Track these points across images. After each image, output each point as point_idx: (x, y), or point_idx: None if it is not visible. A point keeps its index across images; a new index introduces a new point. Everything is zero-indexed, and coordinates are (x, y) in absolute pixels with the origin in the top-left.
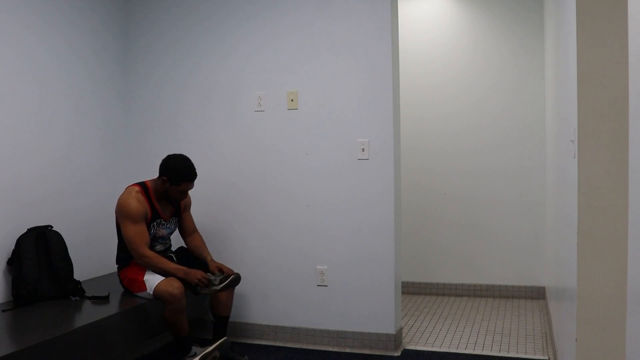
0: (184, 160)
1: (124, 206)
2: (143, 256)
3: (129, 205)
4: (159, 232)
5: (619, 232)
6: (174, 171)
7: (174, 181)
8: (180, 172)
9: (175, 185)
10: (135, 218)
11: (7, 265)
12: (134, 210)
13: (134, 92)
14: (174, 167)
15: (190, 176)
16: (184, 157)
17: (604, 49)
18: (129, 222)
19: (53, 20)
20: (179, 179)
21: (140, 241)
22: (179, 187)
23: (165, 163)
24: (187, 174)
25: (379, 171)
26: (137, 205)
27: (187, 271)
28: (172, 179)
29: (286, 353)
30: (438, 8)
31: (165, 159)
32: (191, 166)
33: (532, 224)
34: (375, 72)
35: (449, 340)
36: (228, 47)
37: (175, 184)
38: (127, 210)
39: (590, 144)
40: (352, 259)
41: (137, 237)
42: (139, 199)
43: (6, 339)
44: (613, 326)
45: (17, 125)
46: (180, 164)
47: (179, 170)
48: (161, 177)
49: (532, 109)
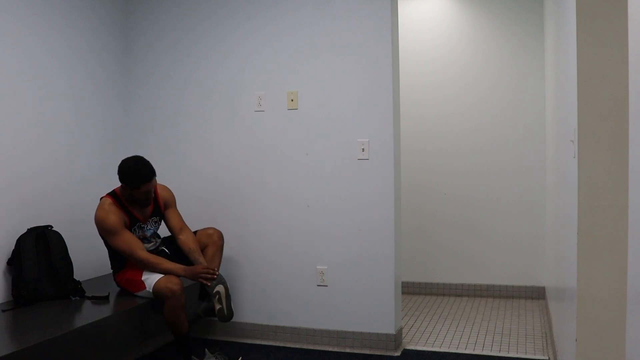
0: (135, 163)
1: (102, 222)
2: (141, 260)
3: (105, 219)
4: (141, 234)
5: (619, 232)
6: (127, 176)
7: (131, 185)
8: (133, 175)
9: (135, 189)
10: (116, 230)
11: (7, 265)
12: (111, 223)
13: (134, 92)
14: (127, 172)
15: (143, 177)
16: (135, 158)
17: (604, 49)
18: (113, 235)
19: (53, 20)
20: (134, 182)
21: (133, 247)
22: (139, 190)
23: (119, 169)
24: (140, 175)
25: (379, 171)
26: (112, 217)
27: (185, 269)
28: (129, 184)
29: (286, 353)
30: (438, 8)
31: (119, 165)
32: (144, 167)
33: (532, 224)
34: (375, 72)
35: (449, 340)
36: (228, 47)
37: (134, 187)
38: (106, 225)
39: (590, 144)
40: (352, 259)
41: (128, 245)
42: (112, 210)
43: (6, 339)
44: (613, 326)
45: (17, 125)
46: (132, 167)
47: (131, 174)
48: (121, 183)
49: (532, 109)
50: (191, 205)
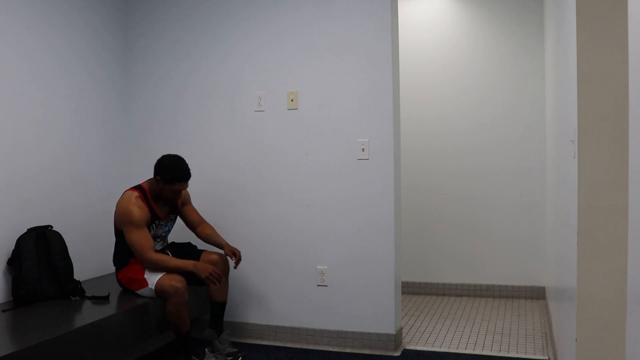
0: (178, 160)
1: (127, 213)
2: (150, 260)
3: (132, 212)
4: (157, 232)
5: (619, 232)
6: (168, 171)
7: (168, 180)
8: (174, 171)
9: (169, 185)
10: (138, 224)
11: (7, 265)
12: (137, 216)
13: (134, 92)
14: (168, 166)
15: (184, 176)
16: (178, 157)
17: (604, 49)
18: (132, 228)
19: (53, 20)
20: (172, 178)
21: (145, 246)
22: (173, 187)
23: (159, 163)
24: (181, 173)
25: (379, 171)
26: (139, 211)
27: (195, 264)
28: (166, 179)
29: (286, 353)
30: (438, 8)
31: (160, 159)
32: (185, 166)
33: (532, 224)
34: (375, 72)
35: (449, 340)
36: (228, 47)
37: (169, 183)
38: (129, 217)
39: (590, 144)
40: (352, 259)
41: (142, 242)
42: (140, 205)
43: (6, 339)
44: (613, 326)
45: (18, 125)
46: (174, 163)
47: (172, 169)
48: (155, 176)
49: (532, 109)
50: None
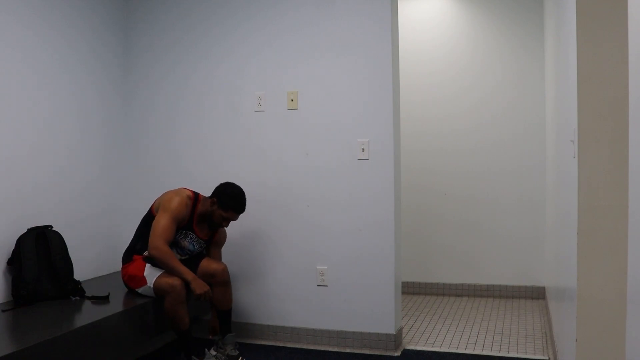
0: (240, 192)
1: (170, 201)
2: (157, 248)
3: (176, 202)
4: (182, 243)
5: (619, 232)
6: (227, 197)
7: (223, 205)
8: (233, 200)
9: (222, 210)
10: (174, 215)
11: (7, 265)
12: (178, 209)
13: (134, 91)
14: (230, 193)
15: (240, 207)
16: (240, 188)
17: (604, 49)
18: (166, 215)
19: (53, 20)
20: (228, 205)
21: (164, 234)
22: (225, 214)
23: (222, 187)
24: (239, 204)
25: (379, 171)
26: (182, 207)
27: (195, 278)
28: (222, 204)
29: (286, 353)
30: (438, 8)
31: (224, 183)
32: (244, 199)
33: (532, 224)
34: (375, 72)
35: (449, 340)
36: (228, 47)
37: (223, 208)
38: (170, 205)
39: (590, 144)
40: (352, 259)
41: (165, 230)
42: (187, 204)
43: (6, 339)
44: (613, 326)
45: (18, 125)
46: (236, 193)
47: (232, 197)
48: (212, 198)
49: (532, 109)
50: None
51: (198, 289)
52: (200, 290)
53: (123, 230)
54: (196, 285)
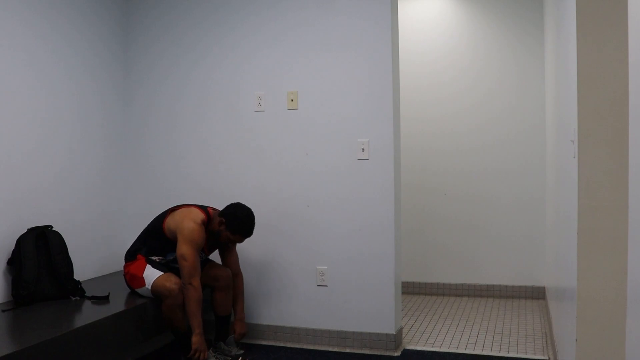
0: (249, 215)
1: (193, 232)
2: (194, 286)
3: (197, 233)
4: None
5: (619, 232)
6: (237, 221)
7: (232, 229)
8: (242, 224)
9: (229, 232)
10: (198, 246)
11: (7, 265)
12: (199, 239)
13: (134, 91)
14: (239, 217)
15: (248, 232)
16: (251, 212)
17: (604, 49)
18: (192, 247)
19: (54, 20)
20: (237, 229)
21: (197, 270)
22: (233, 236)
23: (232, 208)
24: (248, 229)
25: (379, 171)
26: (202, 236)
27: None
28: (231, 226)
29: (286, 353)
30: (438, 8)
31: (235, 204)
32: (253, 224)
33: (532, 224)
34: (375, 72)
35: (449, 340)
36: (228, 46)
37: (231, 232)
38: (193, 237)
39: (590, 144)
40: (352, 259)
41: (196, 265)
42: (203, 230)
43: (6, 339)
44: (613, 326)
45: (18, 125)
46: (245, 217)
47: (241, 222)
48: (221, 217)
49: (532, 109)
50: None
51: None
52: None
53: (123, 231)
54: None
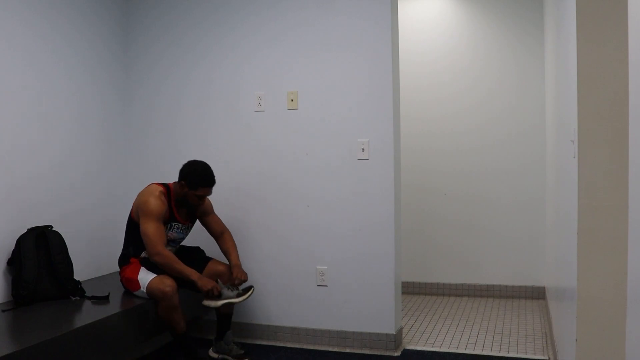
0: (203, 166)
1: (147, 204)
2: (159, 253)
3: (152, 202)
4: (171, 235)
5: (619, 232)
6: (193, 176)
7: (192, 186)
8: (199, 177)
9: (193, 190)
10: (156, 216)
11: (7, 265)
12: (156, 208)
13: (134, 91)
14: (193, 172)
15: (208, 182)
16: (203, 163)
17: (604, 49)
18: (150, 219)
19: (53, 19)
20: (196, 184)
21: (159, 239)
22: (197, 192)
23: (184, 168)
24: (205, 179)
25: (379, 171)
26: (159, 204)
27: (200, 277)
28: (190, 184)
29: (286, 353)
30: (438, 8)
31: (186, 164)
32: (209, 172)
33: (532, 224)
34: (375, 72)
35: (449, 340)
36: (228, 46)
37: (193, 188)
38: (149, 208)
39: (590, 144)
40: (352, 258)
41: (157, 234)
42: (162, 199)
43: (6, 339)
44: (613, 326)
45: (18, 125)
46: (199, 169)
47: (197, 175)
48: (180, 181)
49: (532, 109)
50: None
51: (204, 286)
52: (206, 287)
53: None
54: (202, 283)
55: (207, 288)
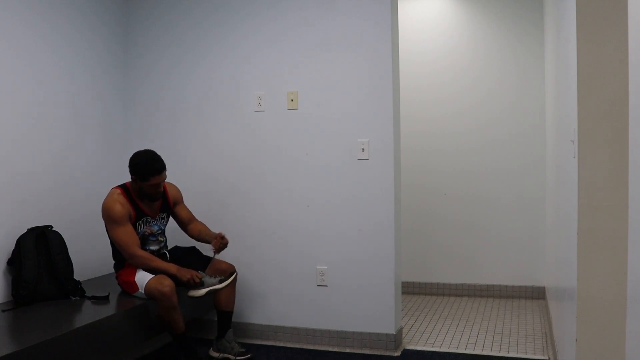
0: (145, 155)
1: (107, 210)
2: (134, 256)
3: (112, 208)
4: (147, 230)
5: (619, 232)
6: (138, 168)
7: (142, 178)
8: (144, 167)
9: (145, 182)
10: (119, 220)
11: (7, 265)
12: (116, 212)
13: (134, 91)
14: (138, 163)
15: (155, 170)
16: (147, 151)
17: (604, 49)
18: (114, 225)
19: (53, 19)
20: (144, 174)
21: (129, 242)
22: (149, 182)
23: (130, 162)
24: (151, 168)
25: (379, 171)
26: (119, 207)
27: (179, 269)
28: (139, 176)
29: (286, 353)
30: (438, 8)
31: (131, 157)
32: (154, 159)
33: (532, 224)
34: (375, 72)
35: (449, 340)
36: (228, 46)
37: (145, 180)
38: (110, 214)
39: (590, 144)
40: (352, 259)
41: (125, 238)
42: (121, 200)
43: (6, 339)
44: (613, 326)
45: (17, 125)
46: (142, 159)
47: (142, 166)
48: (131, 176)
49: (533, 109)
50: (190, 204)
51: (183, 277)
52: (185, 277)
53: None
54: (181, 274)
55: (187, 277)
